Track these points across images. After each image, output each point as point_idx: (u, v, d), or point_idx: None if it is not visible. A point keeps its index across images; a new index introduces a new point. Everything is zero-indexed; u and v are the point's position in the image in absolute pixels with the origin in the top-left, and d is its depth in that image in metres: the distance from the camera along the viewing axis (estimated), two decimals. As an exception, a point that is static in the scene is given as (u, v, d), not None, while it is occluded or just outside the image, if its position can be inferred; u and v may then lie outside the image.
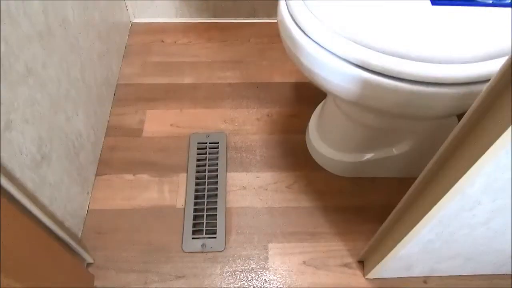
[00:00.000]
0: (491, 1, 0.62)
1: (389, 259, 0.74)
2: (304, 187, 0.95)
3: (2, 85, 0.59)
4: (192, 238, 0.87)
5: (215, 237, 0.87)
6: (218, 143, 1.01)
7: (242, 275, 0.83)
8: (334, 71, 0.62)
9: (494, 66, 0.58)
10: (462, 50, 0.57)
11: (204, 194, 0.93)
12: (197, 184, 0.95)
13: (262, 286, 0.82)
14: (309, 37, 0.62)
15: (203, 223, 0.89)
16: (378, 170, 0.94)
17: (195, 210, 0.91)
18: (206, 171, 0.97)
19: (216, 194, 0.93)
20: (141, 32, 1.25)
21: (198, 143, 1.01)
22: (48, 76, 0.73)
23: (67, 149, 0.81)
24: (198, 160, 0.99)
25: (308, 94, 1.10)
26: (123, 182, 0.95)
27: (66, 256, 0.74)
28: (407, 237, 0.64)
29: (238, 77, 1.14)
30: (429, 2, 0.62)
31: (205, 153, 1.00)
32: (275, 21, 1.26)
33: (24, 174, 0.66)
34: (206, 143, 1.01)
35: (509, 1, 0.62)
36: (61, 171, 0.78)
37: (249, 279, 0.83)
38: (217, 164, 0.98)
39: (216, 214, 0.90)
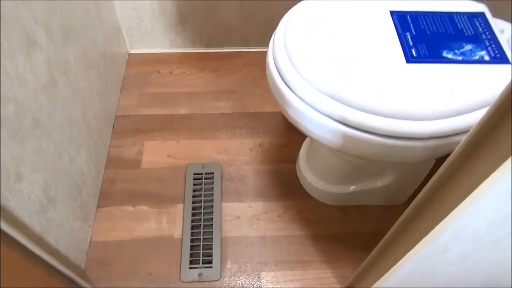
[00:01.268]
0: (461, 58, 0.68)
1: (374, 288, 0.79)
2: (294, 216, 1.00)
3: (12, 142, 0.64)
4: (189, 268, 0.93)
5: (211, 267, 0.93)
6: (213, 173, 1.07)
7: (237, 303, 0.89)
8: (316, 124, 0.67)
9: (465, 121, 0.63)
10: (434, 107, 0.63)
11: (200, 224, 0.98)
12: (193, 214, 1.00)
13: (256, 314, 0.88)
14: (294, 93, 0.68)
15: (199, 252, 0.95)
16: (364, 199, 1.00)
17: (192, 240, 0.96)
18: (202, 201, 1.02)
19: (212, 224, 0.99)
20: (138, 62, 1.30)
21: (194, 174, 1.07)
22: (52, 124, 0.78)
23: (71, 188, 0.86)
24: (194, 190, 1.04)
25: (298, 124, 1.15)
26: (123, 213, 1.00)
27: (71, 292, 0.79)
28: (387, 274, 0.70)
29: (231, 107, 1.20)
30: (404, 60, 0.67)
31: (201, 184, 1.05)
32: (266, 49, 1.31)
33: (32, 219, 0.71)
34: (202, 173, 1.07)
35: (477, 57, 0.68)
36: (66, 210, 0.84)
37: (243, 307, 0.88)
38: (213, 194, 1.03)
39: (212, 244, 0.96)
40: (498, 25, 0.75)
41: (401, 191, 0.98)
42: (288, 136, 1.14)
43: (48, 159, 0.76)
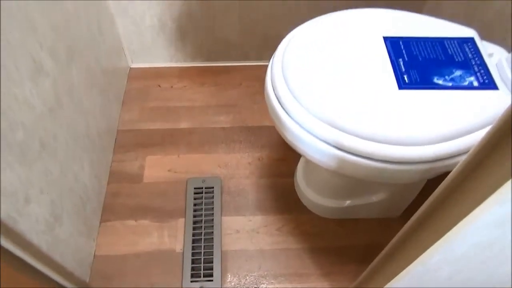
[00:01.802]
0: (451, 84, 0.71)
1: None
2: (292, 229, 1.03)
3: (20, 166, 0.67)
4: (191, 281, 0.95)
5: (212, 280, 0.96)
6: (213, 187, 1.10)
7: (237, 316, 0.92)
8: (311, 147, 0.70)
9: (454, 146, 0.66)
10: (425, 133, 0.66)
11: (201, 238, 1.01)
12: (194, 228, 1.03)
13: (255, 326, 0.90)
14: (291, 117, 0.70)
15: (200, 266, 0.98)
16: (360, 212, 1.03)
17: (193, 254, 0.99)
18: (203, 215, 1.05)
19: (212, 238, 1.01)
20: (139, 77, 1.32)
21: (194, 188, 1.10)
22: (58, 145, 0.81)
23: (76, 205, 0.89)
24: (195, 204, 1.07)
25: (296, 138, 1.18)
26: (126, 228, 1.03)
27: (76, 307, 0.82)
28: (381, 291, 0.73)
29: (231, 121, 1.23)
30: (397, 86, 0.70)
31: (201, 198, 1.08)
32: (265, 63, 1.34)
33: (39, 239, 0.73)
34: (202, 188, 1.10)
35: (467, 83, 0.71)
36: (71, 227, 0.86)
37: (243, 320, 0.91)
38: (213, 208, 1.06)
39: (212, 257, 0.99)
40: (487, 48, 0.78)
41: (396, 205, 1.01)
42: (286, 150, 1.17)
43: (54, 179, 0.79)
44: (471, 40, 0.78)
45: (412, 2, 1.21)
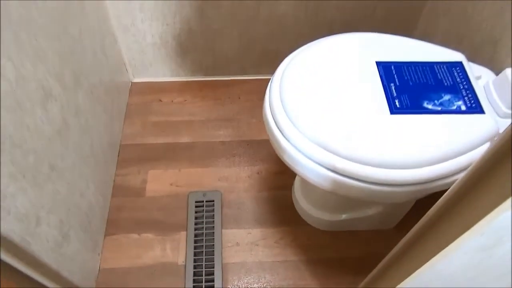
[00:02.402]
0: (440, 108, 0.75)
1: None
2: (290, 242, 1.07)
3: (32, 189, 0.71)
4: (193, 294, 0.99)
5: (213, 292, 1.00)
6: (213, 201, 1.13)
7: (238, 327, 0.95)
8: (307, 169, 0.74)
9: (444, 168, 0.70)
10: (415, 157, 0.70)
11: (203, 251, 1.05)
12: (195, 241, 1.07)
13: (255, 337, 0.94)
14: (289, 142, 0.74)
15: (202, 278, 1.01)
16: (356, 225, 1.07)
17: (195, 267, 1.03)
18: (204, 228, 1.09)
19: (213, 250, 1.05)
20: (140, 91, 1.36)
21: (195, 202, 1.13)
22: (66, 165, 0.85)
23: (82, 222, 0.92)
24: (196, 218, 1.10)
25: (293, 151, 1.22)
26: (129, 241, 1.06)
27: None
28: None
29: (230, 135, 1.27)
30: (388, 111, 0.74)
31: (202, 211, 1.11)
32: (263, 77, 1.38)
33: (49, 257, 0.77)
34: (203, 201, 1.13)
35: (455, 107, 0.75)
36: (78, 243, 0.90)
37: (243, 330, 0.95)
38: (213, 221, 1.10)
39: (213, 270, 1.02)
40: (474, 71, 0.82)
41: (390, 218, 1.05)
42: (284, 164, 1.19)
43: (62, 198, 0.83)
44: (459, 64, 0.82)
45: (405, 22, 1.25)
